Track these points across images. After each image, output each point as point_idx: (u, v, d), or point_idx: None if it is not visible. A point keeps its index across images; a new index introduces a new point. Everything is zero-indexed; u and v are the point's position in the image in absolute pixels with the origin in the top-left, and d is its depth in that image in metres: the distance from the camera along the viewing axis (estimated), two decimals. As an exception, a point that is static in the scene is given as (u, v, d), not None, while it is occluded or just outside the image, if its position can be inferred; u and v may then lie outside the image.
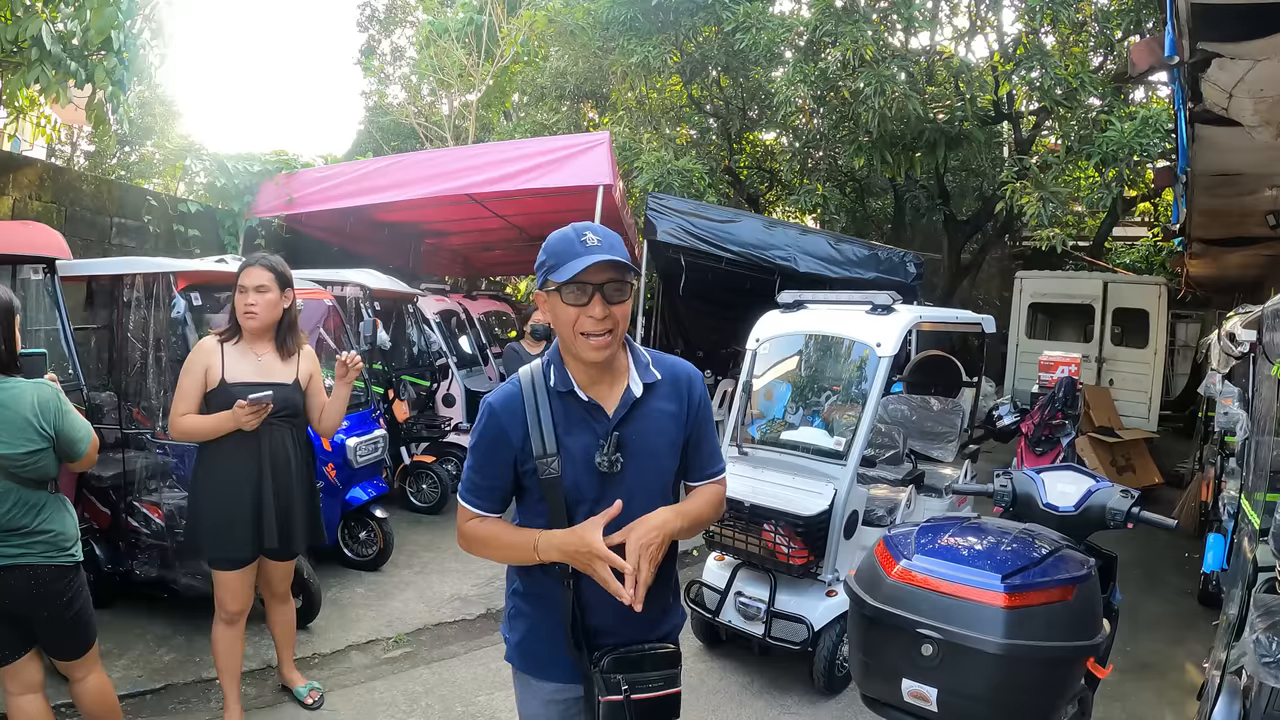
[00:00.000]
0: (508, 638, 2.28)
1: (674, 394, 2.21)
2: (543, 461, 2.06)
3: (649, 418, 2.16)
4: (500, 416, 2.12)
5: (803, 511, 4.47)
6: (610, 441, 2.08)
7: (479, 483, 2.16)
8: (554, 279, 2.02)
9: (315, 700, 4.31)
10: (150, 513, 4.85)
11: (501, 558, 2.18)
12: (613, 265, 2.01)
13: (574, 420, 2.11)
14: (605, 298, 2.02)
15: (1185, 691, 4.88)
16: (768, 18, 11.61)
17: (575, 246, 2.02)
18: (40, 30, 5.38)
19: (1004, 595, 2.52)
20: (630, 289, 2.09)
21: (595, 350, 2.04)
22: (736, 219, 9.37)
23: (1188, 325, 16.88)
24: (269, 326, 3.81)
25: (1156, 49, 4.83)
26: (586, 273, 1.98)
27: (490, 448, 2.13)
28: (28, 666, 3.19)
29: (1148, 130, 9.09)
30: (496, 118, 18.54)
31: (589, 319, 2.01)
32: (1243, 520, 3.90)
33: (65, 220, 7.53)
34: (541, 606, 2.19)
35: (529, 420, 2.09)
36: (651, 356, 2.23)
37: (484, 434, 2.15)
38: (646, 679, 2.09)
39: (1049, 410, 7.65)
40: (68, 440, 3.08)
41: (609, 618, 2.11)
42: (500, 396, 2.16)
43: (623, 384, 2.16)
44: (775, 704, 4.63)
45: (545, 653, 2.19)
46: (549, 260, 2.06)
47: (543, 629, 2.19)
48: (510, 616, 2.29)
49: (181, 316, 4.87)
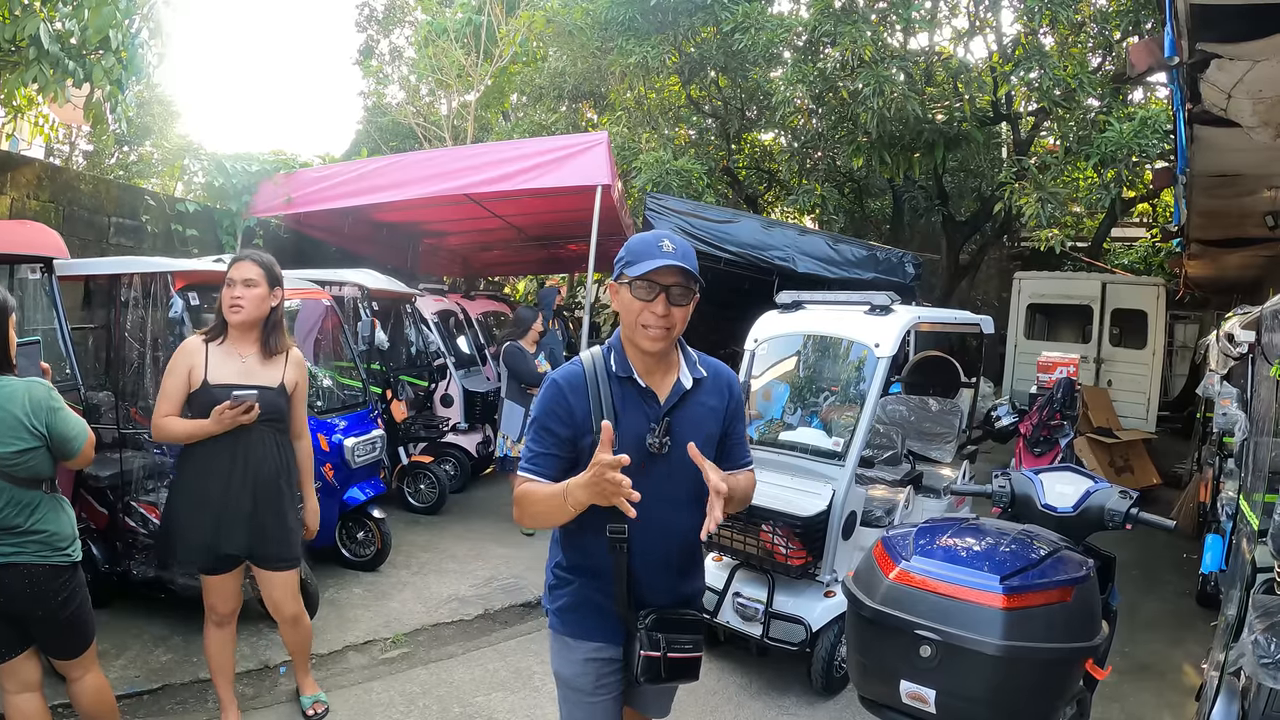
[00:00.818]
0: (549, 607, 2.53)
1: (716, 391, 2.49)
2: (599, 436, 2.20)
3: (695, 409, 2.43)
4: (565, 389, 2.35)
5: (801, 512, 4.47)
6: (661, 425, 2.34)
7: (536, 450, 2.34)
8: (629, 273, 2.30)
9: (317, 713, 4.22)
10: (148, 513, 4.85)
11: (541, 513, 2.31)
12: (681, 272, 2.29)
13: (630, 402, 2.36)
14: (669, 299, 2.29)
15: (1184, 692, 4.88)
16: (766, 18, 11.60)
17: (653, 249, 2.29)
18: (38, 29, 5.37)
19: (1002, 597, 2.52)
20: (693, 296, 2.35)
21: (651, 341, 2.31)
22: (735, 219, 9.37)
23: (1186, 326, 16.89)
24: (254, 323, 3.71)
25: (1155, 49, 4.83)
26: (658, 273, 2.26)
27: (552, 417, 2.33)
28: (25, 665, 3.18)
29: (1146, 131, 9.09)
30: (495, 118, 18.55)
31: (651, 314, 2.28)
32: (1241, 521, 3.90)
33: (63, 220, 7.51)
34: (585, 574, 2.43)
35: (590, 396, 2.33)
36: (697, 356, 2.51)
37: (548, 404, 2.35)
38: (681, 640, 2.36)
39: (1047, 411, 7.66)
40: (60, 438, 3.07)
41: (652, 580, 2.40)
42: (565, 373, 2.39)
43: (674, 376, 2.43)
44: (773, 705, 4.63)
45: (588, 616, 2.43)
46: (628, 256, 2.33)
47: (586, 594, 2.43)
48: (552, 587, 2.53)
49: (179, 316, 4.86)
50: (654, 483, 2.27)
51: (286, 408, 3.79)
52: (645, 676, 2.32)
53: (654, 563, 2.39)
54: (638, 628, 2.34)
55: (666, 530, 2.38)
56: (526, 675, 4.85)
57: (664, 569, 2.43)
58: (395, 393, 7.79)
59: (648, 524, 2.27)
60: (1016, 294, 13.00)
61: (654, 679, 2.33)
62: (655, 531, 2.35)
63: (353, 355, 6.83)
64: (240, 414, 3.52)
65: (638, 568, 2.37)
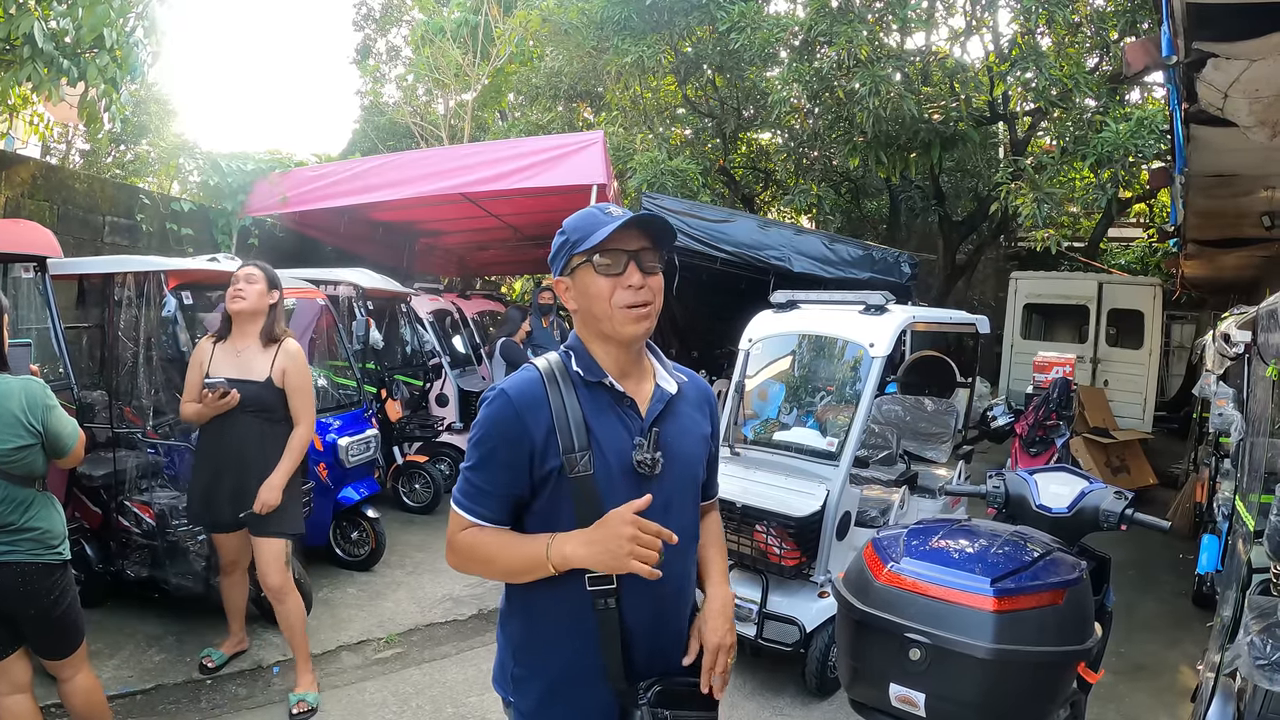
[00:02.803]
0: (515, 704, 1.96)
1: (699, 404, 2.08)
2: (571, 458, 1.79)
3: (682, 420, 1.98)
4: (518, 404, 1.82)
5: (795, 512, 4.46)
6: (650, 439, 1.86)
7: (480, 485, 1.85)
8: (582, 249, 1.85)
9: (300, 713, 4.19)
10: (141, 512, 4.83)
11: (504, 573, 1.88)
12: (643, 233, 1.87)
13: (605, 414, 1.87)
14: (640, 266, 1.85)
15: (1179, 693, 4.88)
16: (763, 17, 11.59)
17: (599, 218, 1.86)
18: (32, 28, 5.35)
19: (993, 599, 2.50)
20: (662, 258, 1.92)
21: (634, 322, 1.85)
22: (731, 219, 9.36)
23: (1182, 326, 16.91)
24: (255, 314, 4.16)
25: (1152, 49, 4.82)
26: (619, 238, 1.83)
27: (501, 443, 1.83)
28: (15, 665, 3.17)
29: (1143, 131, 9.09)
30: (492, 117, 18.54)
31: (626, 289, 1.83)
32: (1237, 522, 3.90)
33: (58, 219, 7.49)
34: (561, 650, 1.89)
35: (554, 409, 1.82)
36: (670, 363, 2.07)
37: (494, 426, 1.84)
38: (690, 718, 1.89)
39: (1043, 411, 7.66)
40: (54, 436, 3.08)
41: (647, 643, 1.90)
42: (516, 383, 1.87)
43: (650, 382, 1.97)
44: (767, 705, 4.62)
45: (574, 703, 1.90)
46: (571, 235, 1.89)
47: (568, 678, 1.90)
48: (516, 679, 1.96)
49: (172, 315, 4.86)
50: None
51: (272, 399, 4.17)
52: None
53: (649, 623, 1.88)
54: (639, 704, 1.83)
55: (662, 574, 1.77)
56: (520, 676, 4.82)
57: (660, 626, 1.93)
58: (390, 392, 7.78)
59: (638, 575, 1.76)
60: (1013, 294, 13.00)
61: None
62: (649, 583, 1.77)
63: (347, 355, 6.82)
64: (217, 400, 3.99)
65: (630, 628, 1.85)
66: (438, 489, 7.79)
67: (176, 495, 4.84)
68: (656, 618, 1.91)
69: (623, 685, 1.85)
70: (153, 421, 4.96)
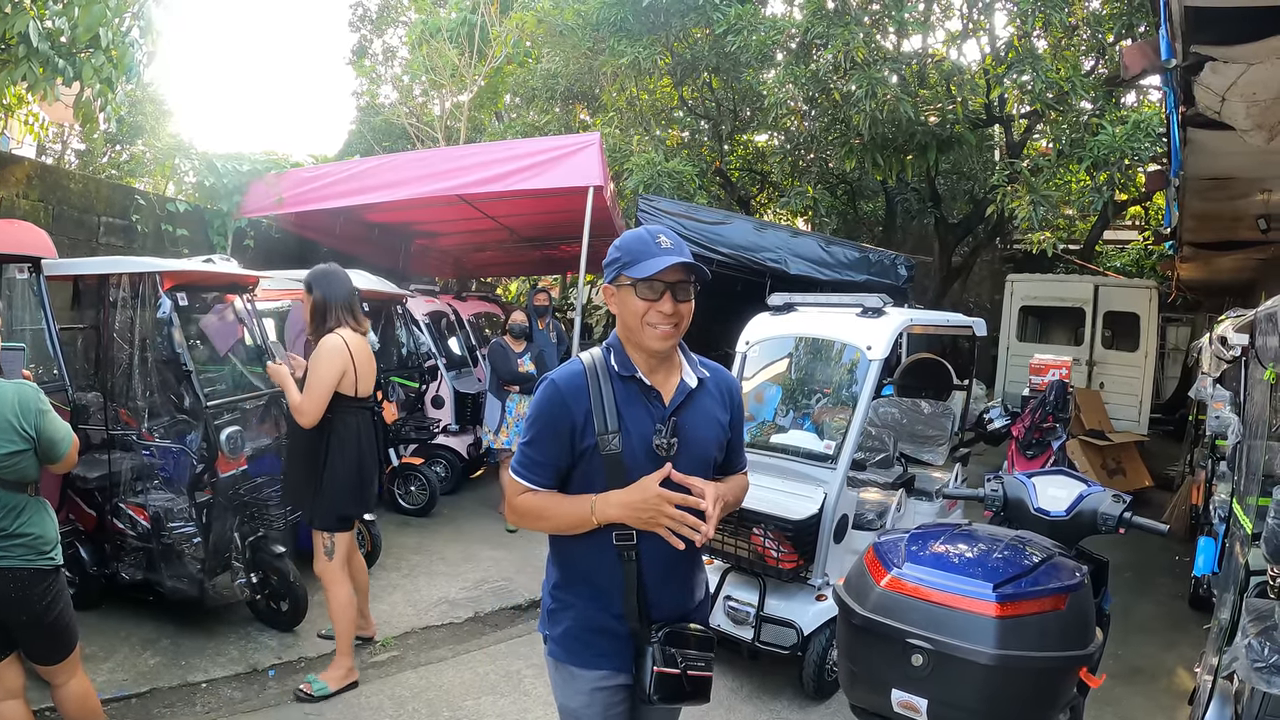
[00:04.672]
0: (549, 634, 2.37)
1: (719, 394, 2.42)
2: (604, 438, 2.19)
3: (700, 410, 2.35)
4: (564, 391, 2.24)
5: (792, 515, 4.45)
6: (668, 426, 2.24)
7: (534, 457, 2.26)
8: (630, 274, 2.21)
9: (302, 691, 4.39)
10: (136, 514, 4.80)
11: (555, 527, 2.27)
12: (685, 268, 2.23)
13: (634, 403, 2.26)
14: (674, 296, 2.23)
15: (1177, 696, 4.88)
16: (759, 20, 11.57)
17: (651, 247, 2.21)
18: (28, 27, 5.32)
19: (995, 605, 2.50)
20: (694, 290, 2.29)
21: (660, 339, 2.23)
22: (727, 221, 9.35)
23: (1178, 329, 16.90)
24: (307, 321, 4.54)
25: (1150, 52, 4.83)
26: (663, 273, 2.18)
27: (550, 422, 2.24)
28: (8, 671, 3.16)
29: (1139, 134, 9.09)
30: (488, 118, 18.50)
31: (658, 313, 2.21)
32: (1234, 524, 3.90)
33: (52, 219, 7.46)
34: (587, 593, 2.30)
35: (591, 396, 2.23)
36: (697, 357, 2.44)
37: (545, 408, 2.25)
38: (696, 657, 2.25)
39: (1040, 413, 7.66)
40: (48, 441, 3.07)
41: (660, 593, 2.28)
42: (564, 374, 2.28)
43: (677, 376, 2.34)
44: (765, 709, 4.61)
45: (593, 641, 2.30)
46: (624, 257, 2.24)
47: (590, 615, 2.30)
48: (551, 611, 2.38)
49: (167, 316, 4.83)
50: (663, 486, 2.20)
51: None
52: (660, 694, 2.19)
53: (661, 574, 2.28)
54: (650, 642, 2.21)
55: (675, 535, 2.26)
56: (516, 679, 4.82)
57: (671, 580, 2.32)
58: (386, 394, 7.75)
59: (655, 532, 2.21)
60: (1009, 296, 13.00)
61: (670, 697, 2.21)
62: (663, 540, 2.21)
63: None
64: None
65: (646, 579, 2.25)
66: (433, 491, 7.77)
67: (171, 497, 4.82)
68: (668, 570, 2.29)
69: (637, 625, 2.24)
70: (149, 424, 4.94)
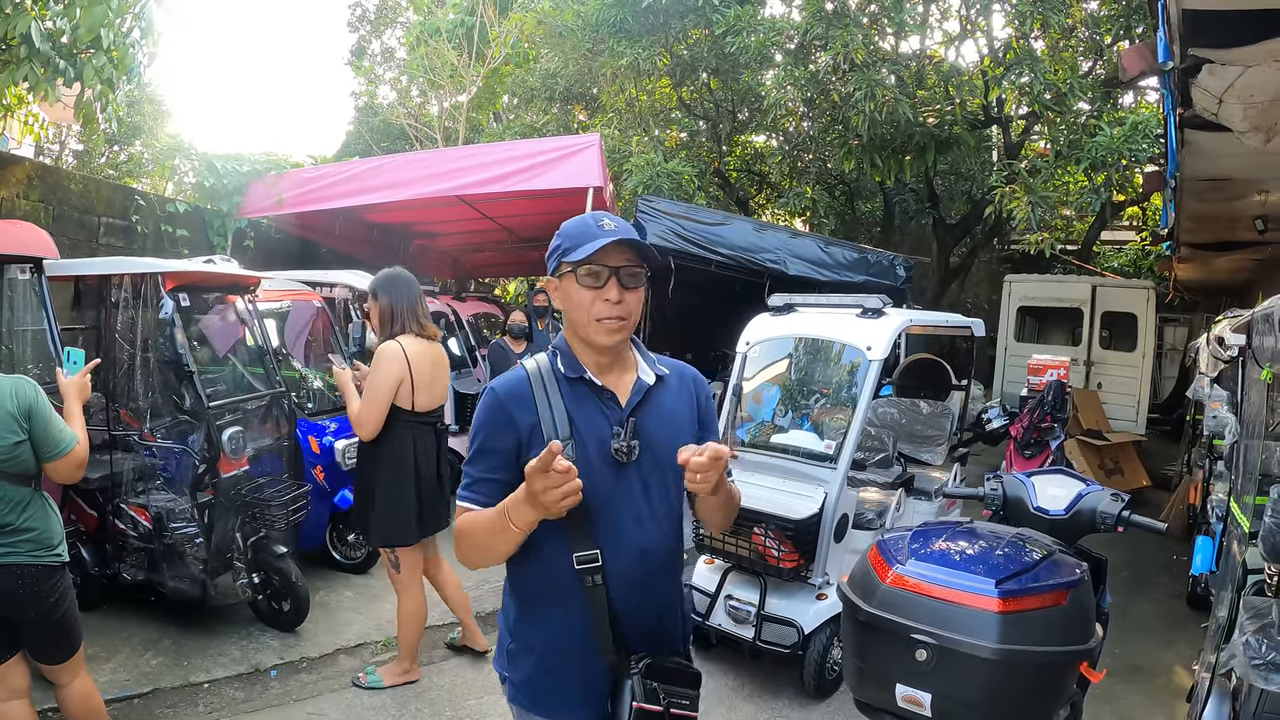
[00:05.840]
0: (510, 677, 2.12)
1: (682, 391, 2.18)
2: None
3: (662, 409, 2.10)
4: (505, 401, 2.01)
5: (793, 515, 4.47)
6: (627, 428, 2.00)
7: (476, 475, 2.00)
8: (569, 260, 1.98)
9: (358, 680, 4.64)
10: (138, 515, 4.81)
11: (484, 547, 1.96)
12: (630, 246, 1.98)
13: (586, 407, 2.02)
14: (620, 282, 1.98)
15: (1175, 694, 4.90)
16: (758, 21, 11.59)
17: (592, 229, 1.99)
18: (29, 28, 5.33)
19: (998, 600, 2.52)
20: (644, 276, 2.04)
21: (608, 334, 1.99)
22: (726, 222, 9.36)
23: (1176, 329, 16.94)
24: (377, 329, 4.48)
25: (1148, 54, 4.85)
26: (603, 254, 1.95)
27: (493, 434, 2.00)
28: (13, 671, 3.17)
29: (1136, 135, 9.11)
30: (487, 119, 18.50)
31: (604, 303, 1.97)
32: (1232, 523, 3.93)
33: (53, 219, 7.48)
34: (551, 627, 2.04)
35: (538, 405, 1.99)
36: (655, 356, 2.18)
37: (486, 420, 2.01)
38: (681, 694, 1.99)
39: (1038, 413, 7.68)
40: (42, 431, 3.05)
41: (632, 618, 2.00)
42: (505, 381, 2.05)
43: (632, 374, 2.10)
44: (766, 708, 4.63)
45: (560, 685, 2.04)
46: (563, 243, 2.02)
47: (555, 656, 2.04)
48: (511, 653, 2.11)
49: (169, 317, 4.83)
50: (625, 497, 2.00)
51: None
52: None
53: (635, 596, 2.00)
54: (630, 674, 1.94)
55: (644, 554, 2.02)
56: (518, 678, 4.82)
57: (644, 602, 2.04)
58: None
59: (621, 547, 1.98)
60: (1007, 297, 13.03)
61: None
62: (631, 556, 1.99)
63: (344, 357, 6.80)
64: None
65: (617, 603, 1.97)
66: (433, 491, 7.76)
67: (173, 498, 4.83)
68: (643, 592, 2.03)
69: (613, 657, 1.96)
70: (150, 424, 4.95)
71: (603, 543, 1.94)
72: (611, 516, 1.97)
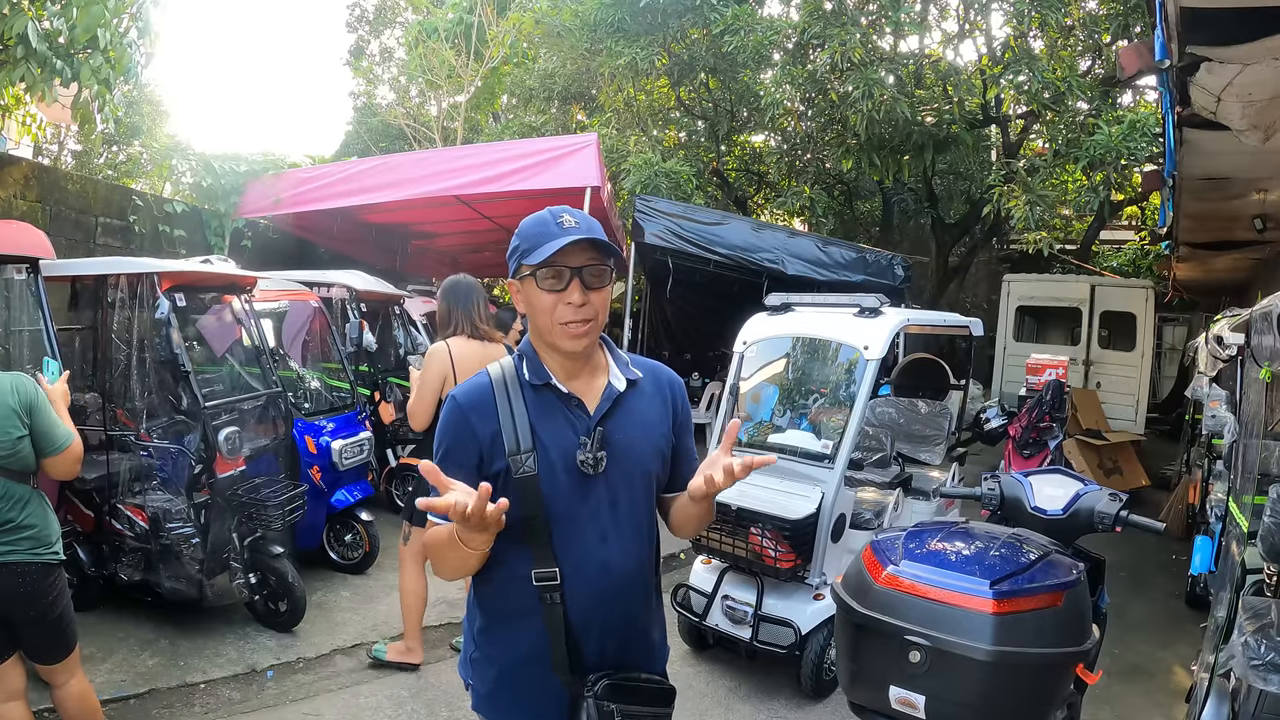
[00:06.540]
0: (474, 685, 2.05)
1: (657, 396, 2.07)
2: (516, 459, 1.85)
3: (633, 416, 1.99)
4: (465, 410, 1.91)
5: (790, 515, 4.46)
6: (594, 438, 1.90)
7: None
8: (528, 262, 1.87)
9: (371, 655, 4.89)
10: (134, 515, 4.80)
11: (443, 562, 1.89)
12: (591, 245, 1.87)
13: (551, 415, 1.92)
14: (584, 283, 1.88)
15: (1174, 694, 4.90)
16: (756, 20, 11.59)
17: (551, 228, 1.87)
18: (26, 28, 5.33)
19: (993, 601, 2.51)
20: (610, 274, 1.95)
21: (573, 339, 1.89)
22: (724, 221, 9.37)
23: (1174, 328, 16.95)
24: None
25: (1146, 53, 4.84)
26: (563, 254, 1.84)
27: (454, 444, 1.91)
28: (10, 672, 3.16)
29: (1135, 134, 9.11)
30: (485, 119, 18.50)
31: (567, 306, 1.87)
32: (1231, 523, 3.92)
33: (50, 220, 7.47)
34: (513, 641, 1.97)
35: (500, 413, 1.89)
36: (629, 356, 2.07)
37: (448, 429, 1.93)
38: (641, 713, 1.91)
39: (1036, 413, 7.67)
40: (42, 426, 3.06)
41: (595, 637, 1.93)
42: (467, 389, 1.95)
43: (602, 379, 2.00)
44: (763, 708, 4.62)
45: (522, 697, 1.97)
46: (522, 244, 1.91)
47: (516, 667, 1.97)
48: (475, 661, 2.05)
49: (166, 317, 4.83)
50: (590, 511, 1.91)
51: None
52: None
53: (595, 614, 1.92)
54: (585, 695, 1.87)
55: (608, 570, 1.92)
56: (515, 679, 4.81)
57: (609, 620, 1.94)
58: (383, 394, 7.76)
59: (585, 564, 1.89)
60: (1005, 296, 13.02)
61: None
62: (595, 572, 1.91)
63: (341, 357, 6.80)
64: None
65: (576, 621, 1.90)
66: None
67: (170, 498, 4.81)
68: (605, 609, 1.94)
69: (567, 676, 1.89)
70: (146, 424, 4.94)
71: (564, 559, 1.88)
72: (574, 531, 1.90)
